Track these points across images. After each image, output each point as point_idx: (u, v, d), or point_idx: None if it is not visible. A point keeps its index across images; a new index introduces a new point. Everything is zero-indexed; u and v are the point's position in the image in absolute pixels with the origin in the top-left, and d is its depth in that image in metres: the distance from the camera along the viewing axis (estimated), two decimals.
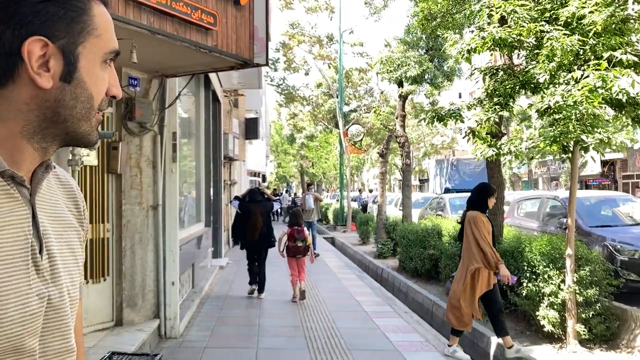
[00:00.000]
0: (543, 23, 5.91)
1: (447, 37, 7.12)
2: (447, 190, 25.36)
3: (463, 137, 7.48)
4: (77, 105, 0.91)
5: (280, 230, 9.61)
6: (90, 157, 5.68)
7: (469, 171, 25.70)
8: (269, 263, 9.59)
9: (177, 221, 6.67)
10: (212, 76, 11.05)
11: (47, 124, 0.90)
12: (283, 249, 9.01)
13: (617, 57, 5.20)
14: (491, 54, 7.74)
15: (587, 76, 5.22)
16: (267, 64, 6.23)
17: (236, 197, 9.95)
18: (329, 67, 26.00)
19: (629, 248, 7.88)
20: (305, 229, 9.24)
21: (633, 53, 5.41)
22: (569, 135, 5.65)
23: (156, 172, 6.41)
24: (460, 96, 57.78)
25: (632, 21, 6.09)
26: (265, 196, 9.68)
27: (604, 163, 30.84)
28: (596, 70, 5.20)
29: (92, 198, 5.84)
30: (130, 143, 6.18)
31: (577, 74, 5.27)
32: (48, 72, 0.87)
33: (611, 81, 4.94)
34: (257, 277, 9.25)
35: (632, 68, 5.24)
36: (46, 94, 0.87)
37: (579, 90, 5.19)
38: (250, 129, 18.98)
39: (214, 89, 11.64)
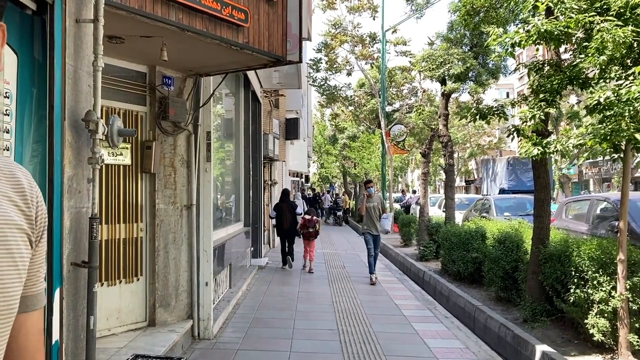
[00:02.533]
0: (593, 14, 5.55)
1: (490, 32, 6.82)
2: (502, 191, 24.58)
3: (507, 136, 7.16)
4: None
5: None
6: (123, 156, 5.68)
7: (526, 171, 24.77)
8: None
9: (212, 221, 6.61)
10: (252, 76, 11.03)
11: None
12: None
13: None
14: (537, 49, 7.39)
15: None
16: (300, 61, 6.10)
17: (274, 208, 13.45)
18: (372, 66, 25.74)
19: None
20: (315, 217, 12.76)
21: None
22: (621, 134, 5.29)
23: (190, 172, 6.37)
24: (507, 95, 56.49)
25: None
26: (289, 197, 13.75)
27: None
28: None
29: (126, 197, 5.83)
30: (164, 142, 6.15)
31: (638, 69, 4.90)
32: None
33: None
34: (288, 256, 12.78)
35: None
36: None
37: (637, 85, 4.82)
38: (291, 129, 18.94)
39: (254, 89, 11.61)
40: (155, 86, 6.01)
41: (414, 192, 38.78)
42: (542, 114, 6.44)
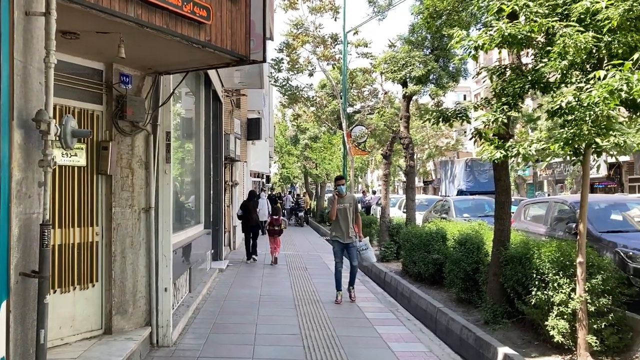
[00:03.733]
0: (556, 19, 5.61)
1: (453, 34, 6.83)
2: (460, 192, 24.88)
3: (470, 139, 7.19)
4: None
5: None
6: (78, 157, 5.42)
7: (484, 172, 25.14)
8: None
9: (171, 224, 6.40)
10: (213, 75, 10.80)
11: None
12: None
13: None
14: (499, 52, 7.45)
15: (605, 76, 4.92)
16: (264, 61, 5.97)
17: (241, 207, 14.92)
18: (333, 67, 25.72)
19: None
20: (281, 218, 14.51)
21: None
22: (583, 138, 5.35)
23: (149, 174, 6.14)
24: (465, 98, 57.50)
25: None
26: (255, 198, 15.52)
27: (610, 166, 30.48)
28: (619, 70, 4.89)
29: (81, 200, 5.57)
30: (122, 143, 5.92)
31: (601, 73, 4.95)
32: None
33: (636, 84, 4.64)
34: (251, 250, 14.29)
35: None
36: None
37: (597, 90, 4.88)
38: (253, 129, 18.71)
39: (215, 88, 11.39)
40: (112, 84, 5.77)
41: (374, 192, 38.97)
42: (504, 117, 6.49)
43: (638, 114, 5.78)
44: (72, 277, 5.48)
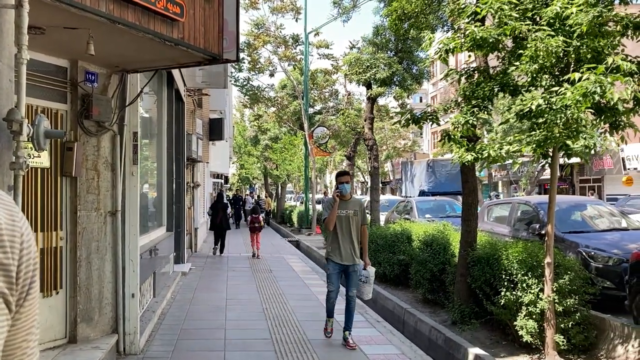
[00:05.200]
0: (528, 22, 5.69)
1: (423, 36, 6.86)
2: (422, 193, 25.11)
3: (439, 140, 7.24)
4: None
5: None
6: (41, 158, 5.17)
7: (445, 173, 25.44)
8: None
9: (138, 228, 6.19)
10: (176, 74, 10.55)
11: None
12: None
13: (615, 63, 4.99)
14: (469, 56, 7.53)
15: (580, 79, 5.01)
16: (237, 60, 5.84)
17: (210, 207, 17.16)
18: (294, 68, 25.65)
19: (603, 255, 7.79)
20: (261, 216, 16.51)
21: (635, 61, 5.25)
22: (554, 140, 5.45)
23: (115, 175, 5.92)
24: (421, 100, 58.32)
25: (611, 24, 5.95)
26: (224, 201, 17.73)
27: (563, 167, 31.41)
28: (594, 73, 4.99)
29: (44, 203, 5.31)
30: (87, 143, 5.68)
31: (576, 75, 5.04)
32: None
33: (609, 88, 4.74)
34: (220, 246, 16.04)
35: (630, 76, 5.06)
36: None
37: (571, 92, 4.97)
38: (215, 129, 18.43)
39: (177, 87, 11.14)
40: (77, 82, 5.53)
41: None
42: (474, 119, 6.55)
43: (602, 117, 5.93)
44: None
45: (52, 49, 5.12)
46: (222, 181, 34.95)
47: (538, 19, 5.97)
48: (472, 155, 6.40)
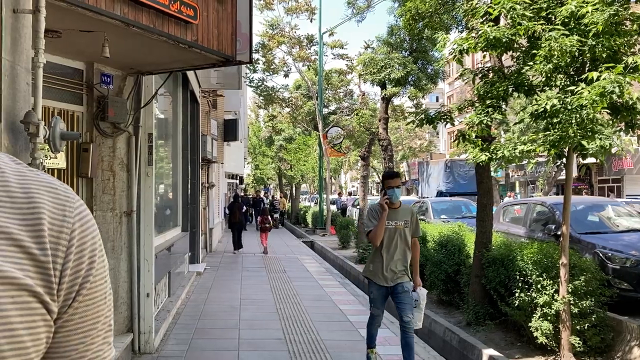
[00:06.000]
0: (542, 22, 5.65)
1: (437, 37, 6.84)
2: (440, 194, 24.97)
3: (454, 141, 7.22)
4: None
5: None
6: (57, 159, 5.25)
7: (463, 174, 25.22)
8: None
9: (153, 228, 6.25)
10: (190, 76, 10.64)
11: None
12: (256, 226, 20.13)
13: (635, 62, 4.94)
14: (484, 55, 7.49)
15: (598, 78, 4.96)
16: (250, 62, 5.88)
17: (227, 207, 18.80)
18: (309, 68, 25.68)
19: (620, 256, 7.69)
20: (268, 217, 17.62)
21: None
22: (569, 140, 5.40)
23: (130, 176, 5.98)
24: (437, 100, 58.02)
25: (627, 23, 5.89)
26: (239, 199, 19.03)
27: (580, 167, 31.06)
28: (611, 73, 4.94)
29: None
30: (103, 145, 5.75)
31: (594, 74, 5.00)
32: None
33: (627, 88, 4.70)
34: (238, 244, 16.83)
35: None
36: None
37: (588, 92, 4.92)
38: (229, 130, 18.53)
39: (192, 89, 11.22)
40: (93, 84, 5.60)
41: (350, 194, 38.96)
42: (488, 119, 6.51)
43: (618, 117, 5.88)
44: None
45: (69, 51, 5.20)
46: (237, 182, 35.12)
47: (553, 18, 5.93)
48: (487, 155, 6.37)
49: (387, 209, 5.43)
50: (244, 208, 20.14)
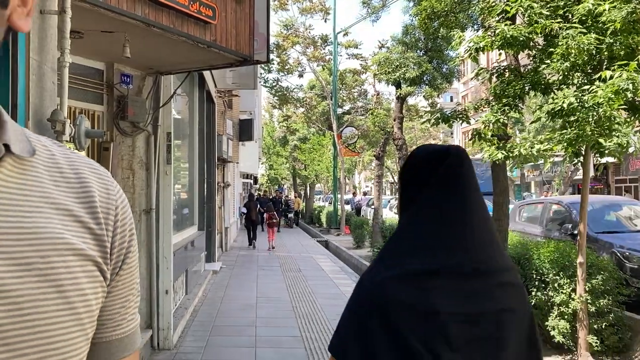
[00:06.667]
0: (559, 20, 5.64)
1: (453, 35, 6.85)
2: None
3: (470, 139, 7.22)
4: None
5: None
6: None
7: (480, 173, 25.10)
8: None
9: (171, 226, 6.34)
10: (207, 76, 10.73)
11: None
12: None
13: None
14: (500, 54, 7.48)
15: (612, 76, 4.95)
16: (268, 61, 5.94)
17: (244, 206, 20.32)
18: (323, 68, 25.73)
19: (638, 255, 7.64)
20: (274, 214, 18.57)
21: None
22: (586, 138, 5.39)
23: (149, 175, 6.07)
24: (451, 99, 57.78)
25: None
26: (255, 198, 21.12)
27: (596, 167, 30.75)
28: (625, 70, 4.93)
29: None
30: (122, 143, 5.84)
31: (607, 73, 4.99)
32: None
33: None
34: (253, 240, 18.35)
35: None
36: None
37: (603, 90, 4.91)
38: (244, 130, 18.65)
39: (209, 89, 11.31)
40: (113, 84, 5.69)
41: (365, 194, 38.94)
42: (505, 118, 6.51)
43: (636, 115, 5.84)
44: None
45: (90, 52, 5.29)
46: (252, 181, 35.27)
47: (570, 16, 5.91)
48: (503, 154, 6.36)
49: None
50: (258, 207, 20.93)
